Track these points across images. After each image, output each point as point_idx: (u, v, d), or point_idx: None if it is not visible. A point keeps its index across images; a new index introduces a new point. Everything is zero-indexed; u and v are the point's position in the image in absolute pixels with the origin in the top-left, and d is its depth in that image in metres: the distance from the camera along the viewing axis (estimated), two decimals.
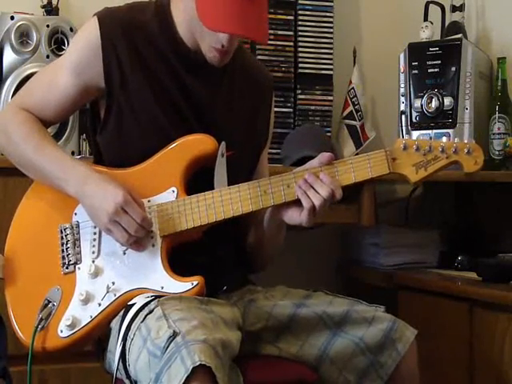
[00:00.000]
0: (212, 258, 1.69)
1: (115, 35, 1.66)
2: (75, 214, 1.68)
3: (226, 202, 1.63)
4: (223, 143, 1.67)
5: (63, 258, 1.66)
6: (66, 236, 1.67)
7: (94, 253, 1.65)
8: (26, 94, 1.76)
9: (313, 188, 1.60)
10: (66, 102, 1.71)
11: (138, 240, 1.60)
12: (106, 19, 1.67)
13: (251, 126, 1.80)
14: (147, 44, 1.68)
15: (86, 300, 1.61)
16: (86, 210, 1.64)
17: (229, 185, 1.65)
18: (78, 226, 1.67)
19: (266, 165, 1.90)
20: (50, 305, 1.62)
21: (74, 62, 1.69)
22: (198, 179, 1.67)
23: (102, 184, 1.61)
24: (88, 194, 1.61)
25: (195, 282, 1.58)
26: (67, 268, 1.65)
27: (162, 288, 1.59)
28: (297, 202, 1.62)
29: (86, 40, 1.69)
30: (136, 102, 1.67)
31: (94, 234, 1.66)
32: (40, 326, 1.60)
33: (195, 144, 1.66)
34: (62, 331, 1.60)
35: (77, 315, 1.60)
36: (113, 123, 1.69)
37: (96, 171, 1.64)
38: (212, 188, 1.64)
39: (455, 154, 1.62)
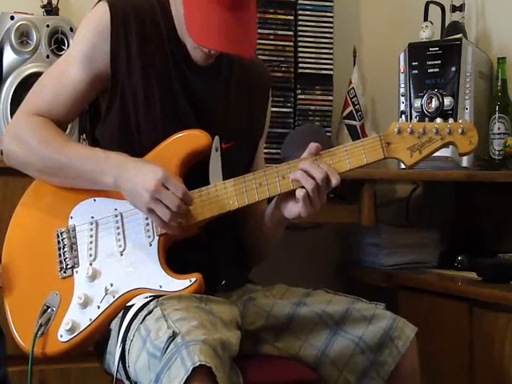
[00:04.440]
0: (210, 254, 1.69)
1: (126, 18, 1.64)
2: (71, 217, 1.67)
3: (221, 196, 1.63)
4: (217, 138, 1.67)
5: (60, 262, 1.65)
6: (62, 240, 1.66)
7: (91, 256, 1.64)
8: (33, 98, 1.71)
9: (308, 174, 1.59)
10: (78, 96, 1.68)
11: (179, 220, 1.57)
12: (117, 3, 1.65)
13: (249, 118, 1.80)
14: (154, 31, 1.67)
15: (85, 303, 1.60)
16: (126, 196, 1.60)
17: (227, 177, 1.65)
18: (74, 229, 1.67)
19: (263, 156, 1.90)
20: (49, 310, 1.61)
21: (84, 51, 1.66)
22: (193, 174, 1.66)
23: (139, 165, 1.59)
24: (127, 178, 1.58)
25: (193, 279, 1.58)
26: (65, 272, 1.64)
27: (161, 287, 1.59)
28: (294, 195, 1.62)
29: (95, 25, 1.66)
30: (138, 88, 1.66)
31: (91, 236, 1.65)
32: (40, 332, 1.59)
33: (189, 140, 1.66)
34: (61, 336, 1.60)
35: (76, 319, 1.60)
36: (116, 109, 1.67)
37: (129, 156, 1.62)
38: (207, 183, 1.64)
39: (449, 135, 1.61)
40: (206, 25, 1.55)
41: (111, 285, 1.61)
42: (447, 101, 2.55)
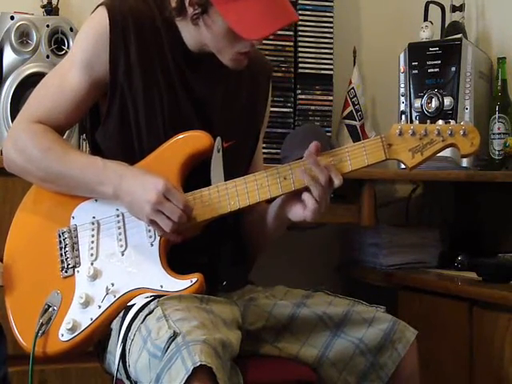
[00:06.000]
0: (211, 255, 1.69)
1: (125, 24, 1.64)
2: (73, 217, 1.67)
3: (222, 197, 1.63)
4: (218, 139, 1.67)
5: (62, 262, 1.65)
6: (64, 240, 1.66)
7: (92, 255, 1.64)
8: (33, 104, 1.71)
9: (313, 177, 1.59)
10: (78, 102, 1.67)
11: (180, 228, 1.58)
12: (116, 8, 1.65)
13: (250, 113, 1.80)
14: (154, 36, 1.67)
15: (86, 303, 1.60)
16: (126, 207, 1.62)
17: (230, 174, 1.66)
18: (75, 229, 1.67)
19: (261, 150, 1.91)
20: (51, 309, 1.61)
21: (83, 57, 1.65)
22: (195, 175, 1.66)
23: (139, 176, 1.59)
24: (127, 189, 1.59)
25: (194, 280, 1.58)
26: (66, 272, 1.65)
27: (162, 287, 1.59)
28: (299, 197, 1.63)
29: (93, 31, 1.65)
30: (138, 92, 1.66)
31: (92, 236, 1.66)
32: (41, 332, 1.59)
33: (190, 141, 1.66)
34: (62, 335, 1.60)
35: (77, 318, 1.60)
36: (116, 113, 1.67)
37: (129, 166, 1.62)
38: (209, 184, 1.64)
39: (451, 137, 1.61)
40: (259, 14, 1.55)
41: (112, 284, 1.61)
42: (447, 101, 2.55)
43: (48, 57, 2.30)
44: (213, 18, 1.60)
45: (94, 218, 1.66)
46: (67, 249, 1.66)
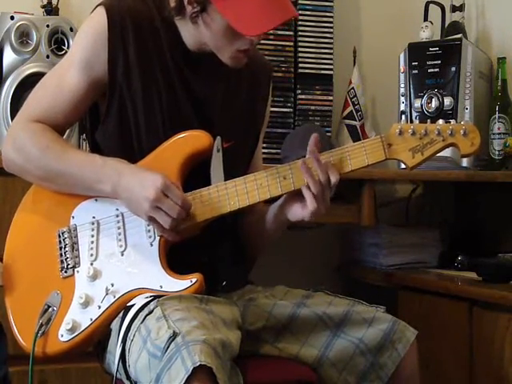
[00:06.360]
0: (210, 255, 1.69)
1: (124, 24, 1.65)
2: (72, 217, 1.67)
3: (222, 197, 1.63)
4: (218, 138, 1.67)
5: (62, 262, 1.65)
6: (63, 240, 1.66)
7: (92, 255, 1.64)
8: (32, 104, 1.71)
9: (311, 175, 1.60)
10: (77, 102, 1.67)
11: (178, 226, 1.58)
12: (114, 8, 1.65)
13: (250, 113, 1.81)
14: (153, 36, 1.67)
15: (86, 303, 1.60)
16: (124, 204, 1.62)
17: (229, 174, 1.66)
18: (75, 229, 1.67)
19: (261, 150, 1.92)
20: (50, 309, 1.61)
21: (82, 57, 1.66)
22: (194, 175, 1.66)
23: (137, 173, 1.59)
24: (125, 186, 1.59)
25: (194, 280, 1.58)
26: (66, 272, 1.65)
27: (161, 287, 1.59)
28: (299, 198, 1.63)
29: (92, 31, 1.66)
30: (137, 93, 1.66)
31: (92, 236, 1.65)
32: (40, 332, 1.59)
33: (190, 140, 1.66)
34: (62, 335, 1.60)
35: (77, 319, 1.60)
36: (115, 113, 1.67)
37: (128, 163, 1.62)
38: (209, 184, 1.64)
39: (451, 137, 1.61)
40: (259, 10, 1.56)
41: (112, 285, 1.61)
42: (447, 101, 2.55)
43: (48, 57, 2.30)
44: (212, 15, 1.60)
45: (93, 217, 1.66)
46: (67, 249, 1.66)
